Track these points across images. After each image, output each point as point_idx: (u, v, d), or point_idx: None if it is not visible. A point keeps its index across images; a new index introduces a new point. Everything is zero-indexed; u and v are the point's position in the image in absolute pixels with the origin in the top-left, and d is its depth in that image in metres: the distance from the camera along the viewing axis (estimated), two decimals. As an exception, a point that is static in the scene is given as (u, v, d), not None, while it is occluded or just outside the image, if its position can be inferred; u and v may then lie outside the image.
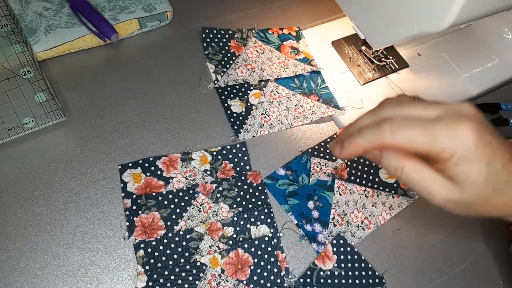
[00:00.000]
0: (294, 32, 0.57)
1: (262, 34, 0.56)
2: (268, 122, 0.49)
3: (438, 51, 0.60)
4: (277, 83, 0.52)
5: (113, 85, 0.48)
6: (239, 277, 0.39)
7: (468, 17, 0.39)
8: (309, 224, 0.44)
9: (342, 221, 0.45)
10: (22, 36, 0.47)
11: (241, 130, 0.48)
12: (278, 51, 0.55)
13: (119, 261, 0.39)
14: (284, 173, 0.46)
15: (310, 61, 0.55)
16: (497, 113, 0.54)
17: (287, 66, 0.53)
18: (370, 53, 0.56)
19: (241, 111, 0.49)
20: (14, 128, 0.42)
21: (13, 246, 0.38)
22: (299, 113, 0.50)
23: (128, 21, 0.51)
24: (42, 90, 0.45)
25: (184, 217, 0.42)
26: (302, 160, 0.47)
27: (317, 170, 0.47)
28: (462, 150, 0.32)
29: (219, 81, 0.50)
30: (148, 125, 0.47)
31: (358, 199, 0.46)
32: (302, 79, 0.53)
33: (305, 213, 0.44)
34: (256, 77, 0.51)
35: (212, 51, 0.52)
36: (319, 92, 0.52)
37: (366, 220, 0.45)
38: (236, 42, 0.54)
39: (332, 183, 0.46)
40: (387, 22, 0.44)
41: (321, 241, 0.43)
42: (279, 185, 0.45)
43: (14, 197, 0.40)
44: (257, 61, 0.53)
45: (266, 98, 0.50)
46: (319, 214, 0.44)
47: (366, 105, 0.52)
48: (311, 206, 0.45)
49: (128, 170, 0.43)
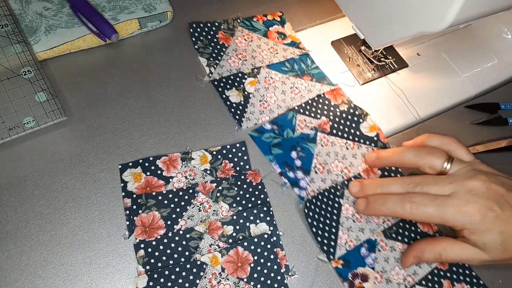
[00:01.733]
0: (278, 17, 0.58)
1: (248, 22, 0.56)
2: (267, 108, 0.50)
3: (437, 51, 0.60)
4: (270, 69, 0.53)
5: (113, 85, 0.49)
6: (240, 275, 0.40)
7: (467, 17, 0.39)
8: (291, 172, 0.46)
9: (323, 169, 0.47)
10: (23, 36, 0.47)
11: (243, 119, 0.49)
12: (266, 37, 0.56)
13: (120, 260, 0.39)
14: (270, 128, 0.48)
15: (297, 44, 0.56)
16: (496, 113, 0.54)
17: (277, 51, 0.54)
18: (370, 53, 0.56)
19: (240, 100, 0.50)
20: (14, 128, 0.43)
21: (13, 245, 0.38)
22: (295, 95, 0.51)
23: (128, 21, 0.51)
24: (42, 90, 0.45)
25: (184, 217, 0.42)
26: (288, 117, 0.49)
27: (302, 127, 0.49)
28: (471, 226, 0.38)
29: (213, 74, 0.51)
30: (148, 125, 0.47)
31: (339, 150, 0.48)
32: (292, 62, 0.54)
33: (288, 162, 0.46)
34: (248, 66, 0.52)
35: (202, 45, 0.53)
36: (311, 73, 0.54)
37: (346, 169, 0.47)
38: (224, 33, 0.55)
39: (315, 136, 0.48)
40: (386, 22, 0.45)
41: (303, 186, 0.45)
42: (264, 138, 0.48)
43: (14, 197, 0.40)
44: (247, 49, 0.54)
45: (262, 85, 0.51)
46: (301, 163, 0.46)
47: (364, 100, 0.52)
48: (294, 156, 0.47)
49: (128, 170, 0.43)
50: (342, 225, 0.43)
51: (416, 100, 0.54)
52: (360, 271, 0.42)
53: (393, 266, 0.43)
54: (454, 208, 0.38)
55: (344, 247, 0.42)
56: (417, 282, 0.42)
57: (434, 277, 0.43)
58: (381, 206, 0.41)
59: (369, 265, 0.42)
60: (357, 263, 0.42)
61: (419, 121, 0.53)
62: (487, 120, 0.54)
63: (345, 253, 0.42)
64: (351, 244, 0.43)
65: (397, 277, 0.42)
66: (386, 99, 0.54)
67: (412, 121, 0.53)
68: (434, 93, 0.56)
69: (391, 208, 0.41)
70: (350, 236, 0.43)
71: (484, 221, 0.38)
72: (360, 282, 0.41)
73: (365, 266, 0.42)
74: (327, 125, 0.49)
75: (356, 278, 0.41)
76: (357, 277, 0.41)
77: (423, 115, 0.53)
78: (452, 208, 0.38)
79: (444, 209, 0.38)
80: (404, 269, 0.43)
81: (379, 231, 0.44)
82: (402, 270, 0.43)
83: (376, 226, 0.44)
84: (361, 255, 0.43)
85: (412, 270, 0.43)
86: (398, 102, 0.54)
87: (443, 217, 0.39)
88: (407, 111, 0.53)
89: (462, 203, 0.38)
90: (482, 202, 0.38)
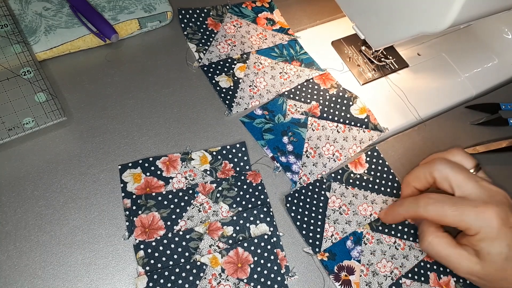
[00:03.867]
0: (266, 3, 0.59)
1: (236, 8, 0.57)
2: (257, 93, 0.51)
3: (438, 51, 0.60)
4: (259, 54, 0.54)
5: (113, 85, 0.48)
6: (240, 276, 0.39)
7: (468, 17, 0.39)
8: (283, 156, 0.47)
9: (315, 153, 0.48)
10: (22, 36, 0.47)
11: (233, 104, 0.49)
12: (255, 23, 0.56)
13: (119, 261, 0.39)
14: (261, 113, 0.49)
15: (286, 30, 0.57)
16: (496, 113, 0.54)
17: (266, 37, 0.55)
18: (370, 53, 0.56)
19: (229, 85, 0.51)
20: (14, 128, 0.42)
21: (13, 246, 0.38)
22: (284, 80, 0.52)
23: (128, 21, 0.51)
24: (42, 90, 0.45)
25: (184, 217, 0.42)
26: (278, 102, 0.50)
27: (292, 112, 0.50)
28: (485, 230, 0.36)
29: (203, 59, 0.52)
30: (148, 125, 0.47)
31: (330, 134, 0.49)
32: (281, 47, 0.55)
33: (280, 147, 0.47)
34: (238, 51, 0.53)
35: (191, 31, 0.54)
36: (300, 58, 0.55)
37: (337, 152, 0.48)
38: (213, 19, 0.55)
39: (306, 121, 0.49)
40: (386, 22, 0.45)
41: (295, 170, 0.46)
42: (256, 123, 0.48)
43: (14, 197, 0.40)
44: (236, 35, 0.54)
45: (251, 70, 0.52)
46: (293, 148, 0.47)
47: (364, 100, 0.52)
48: (286, 140, 0.48)
49: (128, 170, 0.43)
50: (328, 217, 0.44)
51: (417, 100, 0.54)
52: (345, 264, 0.42)
53: (379, 258, 0.43)
54: (472, 208, 0.37)
55: (330, 240, 0.43)
56: (403, 275, 0.42)
57: (421, 269, 0.43)
58: (398, 207, 0.41)
59: (354, 258, 0.42)
60: (342, 256, 0.42)
61: (420, 121, 0.53)
62: (488, 121, 0.54)
63: (330, 245, 0.42)
64: (337, 236, 0.43)
65: (384, 269, 0.42)
66: (386, 99, 0.54)
67: (412, 121, 0.53)
68: (435, 93, 0.56)
69: (405, 208, 0.41)
70: (336, 229, 0.43)
71: (499, 229, 0.36)
72: (346, 275, 0.41)
73: (350, 259, 0.42)
74: (317, 109, 0.50)
75: (342, 271, 0.41)
76: (343, 270, 0.42)
77: (424, 115, 0.53)
78: (470, 208, 0.37)
79: (462, 208, 0.37)
80: (391, 262, 0.43)
81: (365, 224, 0.44)
82: (389, 262, 0.43)
83: (363, 218, 0.45)
84: (346, 247, 0.43)
85: (399, 263, 0.43)
86: (398, 102, 0.54)
87: (460, 216, 0.37)
88: (407, 111, 0.53)
89: (482, 204, 0.37)
90: (502, 208, 0.37)
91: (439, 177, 0.40)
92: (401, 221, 0.43)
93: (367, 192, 0.46)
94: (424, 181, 0.42)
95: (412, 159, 0.49)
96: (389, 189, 0.47)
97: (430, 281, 0.43)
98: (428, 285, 0.43)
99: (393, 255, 0.43)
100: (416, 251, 0.44)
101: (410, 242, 0.44)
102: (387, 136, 0.51)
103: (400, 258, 0.43)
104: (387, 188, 0.47)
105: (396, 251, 0.43)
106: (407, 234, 0.45)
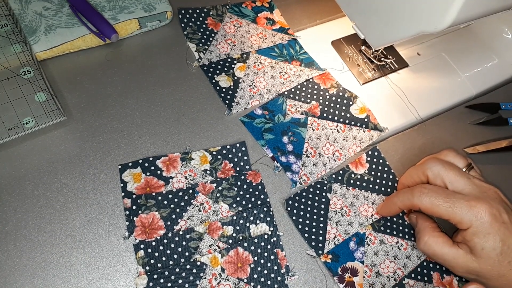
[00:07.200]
0: (266, 3, 0.59)
1: (236, 8, 0.57)
2: (257, 93, 0.51)
3: (437, 51, 0.60)
4: (259, 54, 0.54)
5: (113, 85, 0.48)
6: (240, 275, 0.39)
7: (468, 17, 0.39)
8: (284, 156, 0.47)
9: (315, 153, 0.48)
10: (22, 36, 0.47)
11: (233, 104, 0.49)
12: (255, 23, 0.56)
13: (119, 260, 0.39)
14: (261, 113, 0.49)
15: (286, 30, 0.57)
16: (496, 113, 0.54)
17: (266, 37, 0.55)
18: (370, 53, 0.56)
19: (229, 85, 0.51)
20: (14, 128, 0.42)
21: (13, 246, 0.38)
22: (284, 79, 0.52)
23: (128, 21, 0.51)
24: (42, 90, 0.45)
25: (184, 217, 0.42)
26: (278, 102, 0.50)
27: (292, 111, 0.50)
28: (477, 224, 0.37)
29: (203, 59, 0.52)
30: (148, 125, 0.47)
31: (330, 134, 0.49)
32: (281, 47, 0.55)
33: (280, 147, 0.47)
34: (237, 51, 0.53)
35: (191, 31, 0.54)
36: (299, 58, 0.55)
37: (337, 152, 0.48)
38: (213, 19, 0.55)
39: (306, 120, 0.49)
40: (386, 21, 0.45)
41: (295, 170, 0.46)
42: (256, 123, 0.48)
43: (14, 197, 0.40)
44: (235, 35, 0.55)
45: (251, 70, 0.52)
46: (293, 148, 0.47)
47: (364, 100, 0.52)
48: (286, 140, 0.48)
49: (128, 170, 0.43)
50: (330, 219, 0.44)
51: (417, 100, 0.54)
52: (349, 265, 0.42)
53: (382, 259, 0.43)
54: (464, 201, 0.38)
55: (333, 242, 0.43)
56: (406, 275, 0.43)
57: (424, 269, 0.43)
58: (394, 197, 0.42)
59: (358, 259, 0.42)
60: (346, 258, 0.42)
61: (420, 121, 0.53)
62: (488, 120, 0.54)
63: (333, 247, 0.42)
64: (340, 238, 0.43)
65: (387, 270, 0.42)
66: (386, 99, 0.54)
67: (412, 121, 0.53)
68: (435, 93, 0.56)
69: (400, 198, 0.41)
70: (339, 230, 0.43)
71: (491, 224, 0.37)
72: (350, 277, 0.41)
73: (354, 260, 0.42)
74: (317, 109, 0.50)
75: (345, 272, 0.41)
76: (347, 272, 0.41)
77: (424, 115, 0.53)
78: (463, 201, 0.38)
79: (454, 201, 0.38)
80: (394, 262, 0.43)
81: (367, 224, 0.44)
82: (392, 263, 0.43)
83: (365, 219, 0.45)
84: (349, 249, 0.43)
85: (402, 263, 0.43)
86: (398, 102, 0.54)
87: (453, 208, 0.38)
88: (407, 111, 0.53)
89: (473, 199, 0.38)
90: (494, 204, 0.38)
91: (431, 175, 0.41)
92: (397, 213, 0.44)
93: (367, 193, 0.46)
94: (418, 180, 0.42)
95: (412, 159, 0.49)
96: (389, 189, 0.47)
97: (433, 281, 0.43)
98: (432, 285, 0.43)
99: (396, 255, 0.43)
100: (419, 251, 0.44)
101: (412, 242, 0.44)
102: (387, 136, 0.51)
103: (402, 258, 0.43)
104: (387, 188, 0.47)
105: (398, 251, 0.43)
106: (408, 234, 0.45)
